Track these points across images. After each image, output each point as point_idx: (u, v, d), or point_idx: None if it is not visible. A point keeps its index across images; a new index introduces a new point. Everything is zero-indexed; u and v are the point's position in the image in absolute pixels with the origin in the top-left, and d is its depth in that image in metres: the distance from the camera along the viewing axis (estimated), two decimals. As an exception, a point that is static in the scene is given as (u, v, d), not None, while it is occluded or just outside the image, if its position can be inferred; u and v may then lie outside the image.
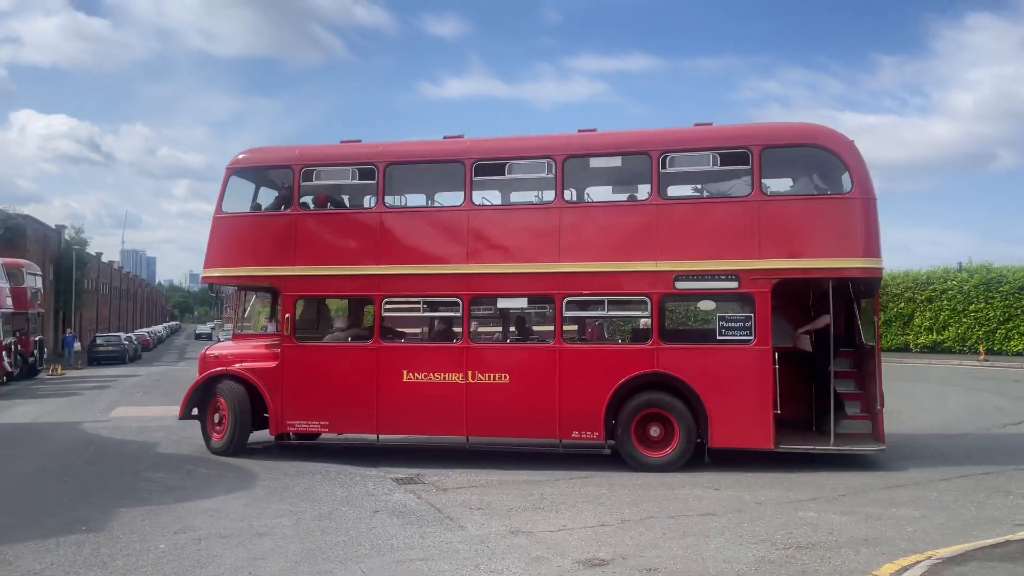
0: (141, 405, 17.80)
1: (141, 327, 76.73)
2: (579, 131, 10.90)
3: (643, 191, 10.43)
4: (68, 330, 43.87)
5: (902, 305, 32.44)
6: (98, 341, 42.60)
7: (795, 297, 10.42)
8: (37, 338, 30.75)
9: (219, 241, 11.53)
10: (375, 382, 10.60)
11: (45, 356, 32.29)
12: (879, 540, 6.64)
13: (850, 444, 9.79)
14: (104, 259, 67.07)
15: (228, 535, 7.02)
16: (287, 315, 10.98)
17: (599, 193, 11.39)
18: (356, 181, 11.16)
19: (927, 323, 31.50)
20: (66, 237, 50.69)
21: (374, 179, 10.82)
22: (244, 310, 12.91)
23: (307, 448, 11.59)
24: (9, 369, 24.02)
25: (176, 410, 11.77)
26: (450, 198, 11.48)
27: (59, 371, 32.39)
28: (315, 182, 11.20)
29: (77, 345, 40.70)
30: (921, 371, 25.61)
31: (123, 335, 48.18)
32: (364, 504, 8.23)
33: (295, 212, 11.11)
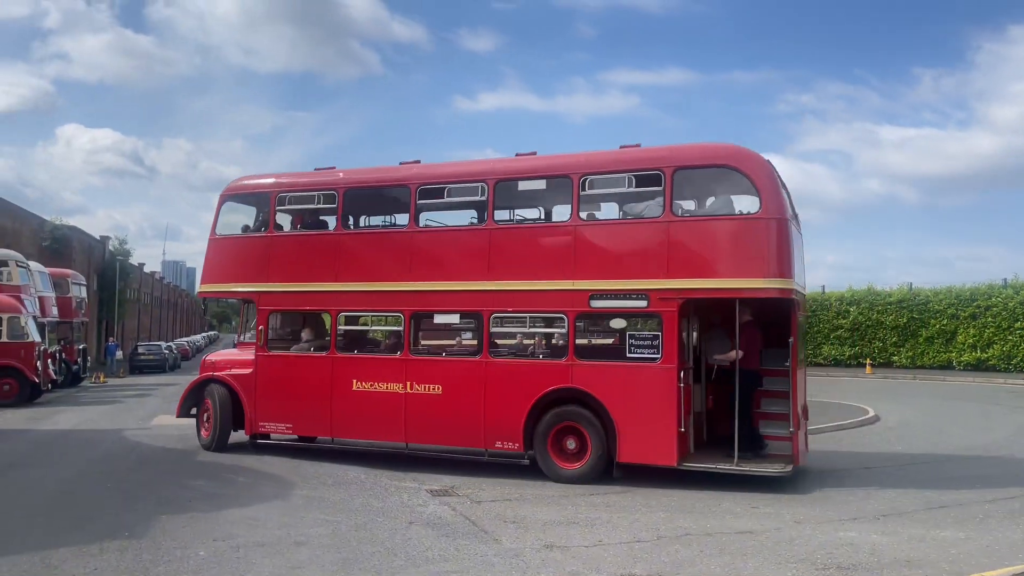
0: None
1: (181, 336, 78.02)
2: (517, 155, 11.29)
3: (567, 212, 10.70)
4: (111, 339, 44.76)
5: (945, 322, 31.81)
6: (139, 350, 43.44)
7: (760, 316, 10.35)
8: (81, 346, 31.36)
9: (212, 260, 13.03)
10: (330, 389, 11.62)
11: (89, 364, 32.93)
12: (922, 562, 6.50)
13: (757, 465, 9.77)
14: (146, 269, 68.43)
15: (266, 543, 7.11)
16: (261, 327, 12.28)
17: (528, 214, 11.78)
18: (322, 205, 12.21)
19: (971, 340, 30.84)
20: (110, 248, 51.82)
21: (335, 203, 11.89)
22: (247, 320, 13.73)
23: (342, 456, 11.65)
24: (54, 377, 24.48)
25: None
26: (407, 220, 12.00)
27: (102, 379, 33.07)
28: (288, 207, 12.45)
29: (119, 354, 41.53)
30: (964, 389, 25.08)
31: (163, 344, 49.03)
32: (399, 515, 8.28)
33: (270, 234, 12.46)
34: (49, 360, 23.51)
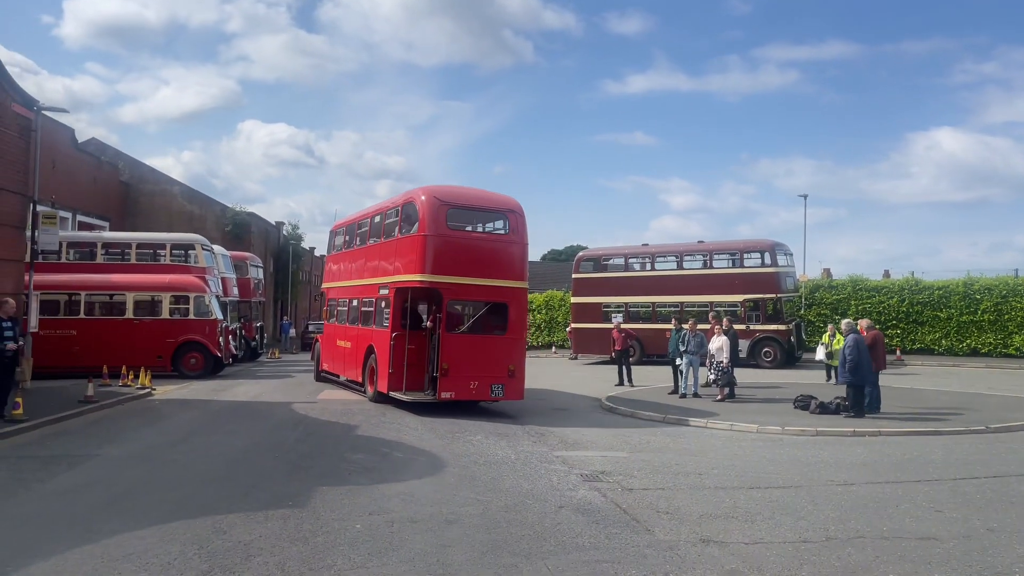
0: (345, 388, 18.95)
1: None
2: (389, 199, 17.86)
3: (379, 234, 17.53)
4: (285, 317, 47.84)
5: None
6: (310, 328, 45.77)
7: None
8: (259, 324, 33.62)
9: (325, 270, 22.96)
10: (333, 344, 20.26)
11: (265, 341, 35.30)
12: None
13: (413, 395, 14.82)
14: (316, 253, 72.41)
15: (418, 520, 7.19)
16: (325, 308, 21.92)
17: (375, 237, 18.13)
18: (344, 237, 20.86)
19: None
20: (284, 233, 55.23)
21: (345, 234, 20.63)
22: None
23: (493, 436, 11.72)
24: (235, 352, 26.37)
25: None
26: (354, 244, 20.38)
27: (276, 355, 35.37)
28: (338, 237, 21.47)
29: (292, 331, 44.31)
30: None
31: (331, 323, 51.68)
32: (549, 498, 8.16)
33: (332, 255, 22.00)
34: (230, 336, 25.32)
